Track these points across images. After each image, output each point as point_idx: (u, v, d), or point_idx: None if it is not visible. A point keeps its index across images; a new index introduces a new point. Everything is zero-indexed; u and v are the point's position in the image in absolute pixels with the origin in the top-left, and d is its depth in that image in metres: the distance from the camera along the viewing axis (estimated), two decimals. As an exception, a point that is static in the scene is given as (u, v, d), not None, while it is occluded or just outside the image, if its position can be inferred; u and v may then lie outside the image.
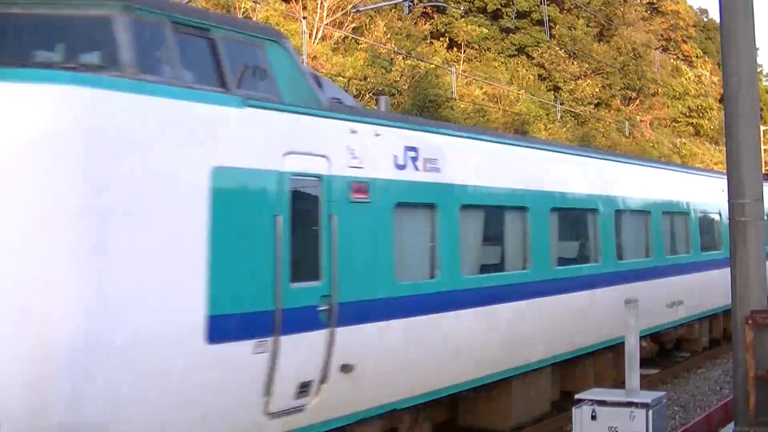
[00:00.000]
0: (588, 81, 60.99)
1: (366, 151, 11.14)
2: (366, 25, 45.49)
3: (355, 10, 39.81)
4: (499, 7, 59.06)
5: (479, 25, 57.41)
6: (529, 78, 58.22)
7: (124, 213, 8.17)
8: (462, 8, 53.04)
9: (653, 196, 20.04)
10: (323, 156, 10.43)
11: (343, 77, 39.14)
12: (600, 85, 62.21)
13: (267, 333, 9.45)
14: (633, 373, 10.68)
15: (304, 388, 9.99)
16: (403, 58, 44.09)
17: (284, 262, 9.72)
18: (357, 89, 40.22)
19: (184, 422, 8.61)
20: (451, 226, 12.67)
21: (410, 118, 16.57)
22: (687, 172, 24.46)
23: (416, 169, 12.09)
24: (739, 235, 12.01)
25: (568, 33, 61.83)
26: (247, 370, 9.29)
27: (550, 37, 58.70)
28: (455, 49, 56.36)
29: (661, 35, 74.72)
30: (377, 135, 11.49)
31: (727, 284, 12.38)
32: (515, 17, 58.22)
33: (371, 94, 41.08)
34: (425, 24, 53.59)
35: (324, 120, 10.69)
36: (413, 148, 12.11)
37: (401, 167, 11.81)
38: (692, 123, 72.24)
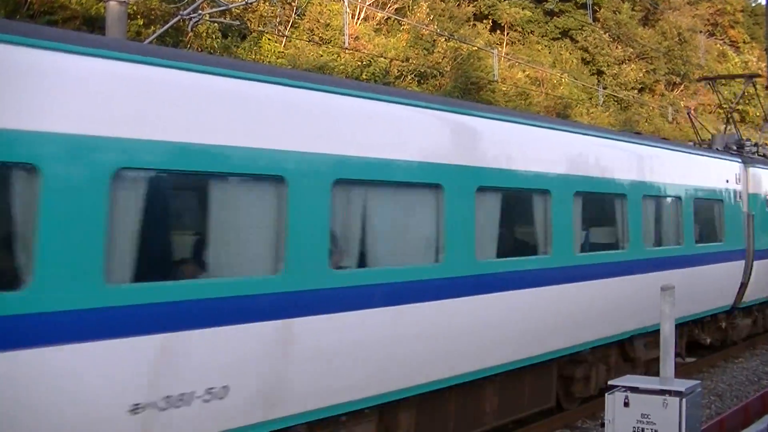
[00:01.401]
0: (632, 66, 60.47)
1: None
2: (409, 6, 45.27)
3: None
4: (544, -11, 58.72)
5: (523, 8, 57.16)
6: (572, 62, 57.80)
7: None
8: (506, -10, 52.79)
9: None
10: None
11: (384, 58, 39.03)
12: (644, 70, 61.64)
13: None
14: (667, 361, 10.56)
15: None
16: (446, 39, 43.86)
17: None
18: (399, 70, 40.13)
19: None
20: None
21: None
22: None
23: None
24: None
25: (613, 17, 61.25)
26: None
27: (594, 21, 58.30)
28: (498, 31, 56.05)
29: (708, 20, 73.91)
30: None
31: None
32: (559, 0, 57.89)
33: (413, 76, 40.97)
34: (468, 6, 53.24)
35: None
36: None
37: None
38: (738, 110, 71.41)
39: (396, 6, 44.35)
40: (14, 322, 7.28)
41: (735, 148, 24.34)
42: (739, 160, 22.05)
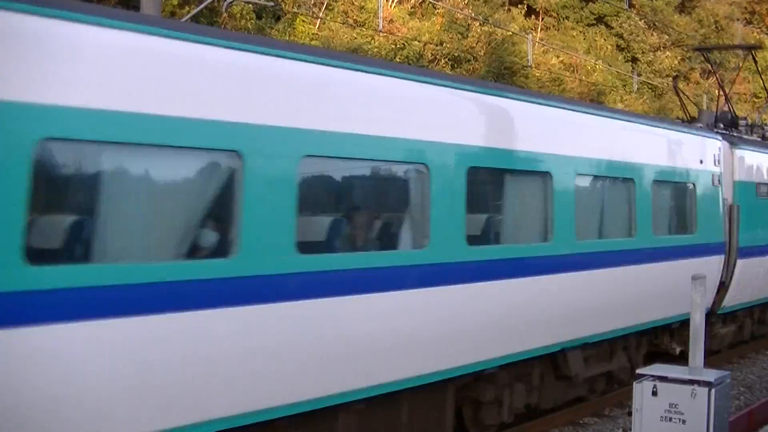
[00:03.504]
0: (667, 53, 60.01)
1: None
2: (444, -11, 45.20)
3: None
4: (580, -25, 58.36)
5: (559, -7, 56.90)
6: (606, 48, 57.42)
7: None
8: (541, -25, 52.53)
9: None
10: None
11: (419, 41, 38.93)
12: (679, 58, 61.18)
13: None
14: (697, 351, 10.47)
15: None
16: (480, 24, 43.70)
17: None
18: (433, 54, 40.00)
19: None
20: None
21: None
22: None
23: None
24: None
25: (649, 3, 60.72)
26: None
27: (629, 7, 57.86)
28: (533, 16, 55.79)
29: (745, 8, 73.09)
30: None
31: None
32: (595, -14, 57.56)
33: (446, 60, 40.84)
34: (504, -10, 53.11)
35: None
36: None
37: None
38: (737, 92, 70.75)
39: (431, -10, 44.24)
40: None
41: (723, 126, 20.76)
42: (719, 138, 18.27)
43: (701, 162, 17.26)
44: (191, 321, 8.01)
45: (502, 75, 42.52)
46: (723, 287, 18.04)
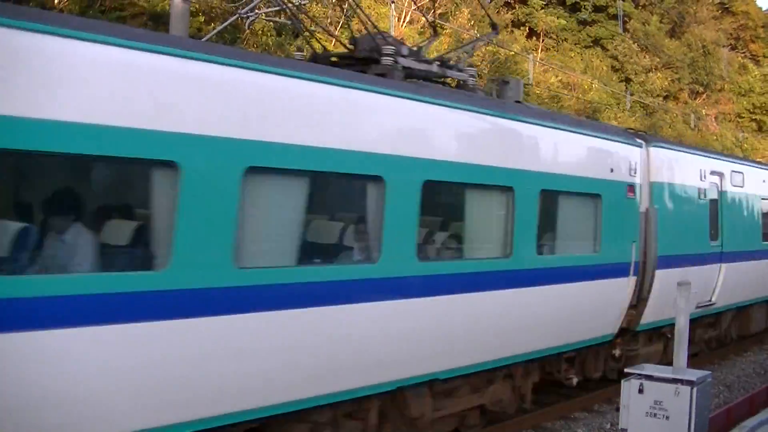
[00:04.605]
0: (658, 74, 60.00)
1: None
2: (451, 11, 45.23)
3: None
4: (578, 0, 58.36)
5: (558, 17, 57.19)
6: (602, 68, 57.39)
7: None
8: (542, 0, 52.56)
9: None
10: None
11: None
12: (669, 79, 61.17)
13: None
14: (681, 352, 10.52)
15: None
16: (485, 44, 43.70)
17: None
18: (439, 71, 40.01)
19: None
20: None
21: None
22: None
23: None
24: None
25: (642, 28, 60.84)
26: None
27: (624, 31, 57.97)
28: (534, 38, 55.82)
29: (731, 34, 73.09)
30: None
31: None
32: (592, 11, 57.63)
33: (452, 77, 40.84)
34: (507, 13, 53.11)
35: None
36: None
37: None
38: (755, 119, 70.51)
39: (440, 11, 44.27)
40: None
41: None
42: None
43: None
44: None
45: (504, 92, 42.49)
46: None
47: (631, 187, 14.44)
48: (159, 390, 7.64)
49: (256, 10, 20.54)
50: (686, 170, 16.62)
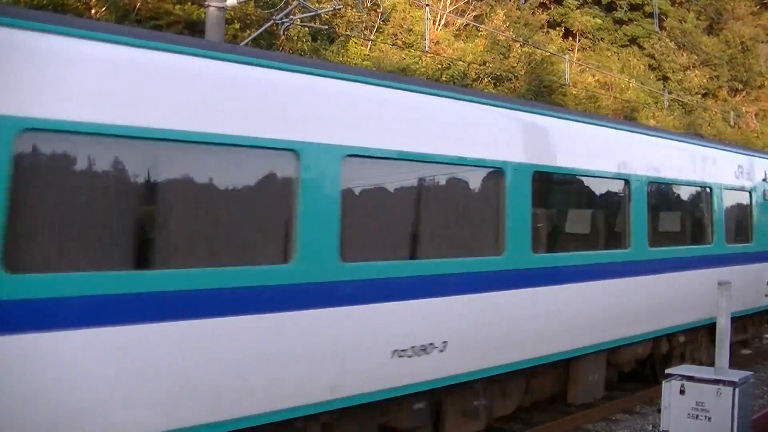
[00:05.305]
0: (696, 72, 59.49)
1: None
2: (486, 13, 45.14)
3: (476, -1, 39.51)
4: (613, -1, 58.17)
5: (594, 16, 56.78)
6: (639, 67, 57.07)
7: None
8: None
9: None
10: None
11: (463, 62, 38.87)
12: (708, 77, 60.61)
13: None
14: (722, 352, 10.35)
15: None
16: (521, 45, 43.56)
17: None
18: (476, 73, 39.92)
19: None
20: None
21: None
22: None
23: None
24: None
25: (679, 26, 60.35)
26: None
27: (660, 29, 57.47)
28: (570, 38, 55.61)
29: (770, 29, 72.41)
30: None
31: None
32: (628, 9, 57.25)
33: (489, 78, 40.73)
34: (542, 14, 52.94)
35: None
36: None
37: None
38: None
39: (474, 13, 44.17)
40: None
41: None
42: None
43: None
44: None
45: (541, 93, 42.35)
46: None
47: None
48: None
49: (291, 16, 20.58)
50: None
